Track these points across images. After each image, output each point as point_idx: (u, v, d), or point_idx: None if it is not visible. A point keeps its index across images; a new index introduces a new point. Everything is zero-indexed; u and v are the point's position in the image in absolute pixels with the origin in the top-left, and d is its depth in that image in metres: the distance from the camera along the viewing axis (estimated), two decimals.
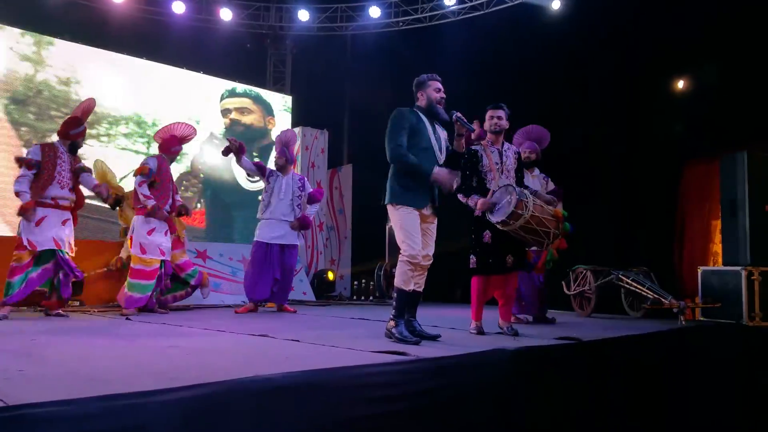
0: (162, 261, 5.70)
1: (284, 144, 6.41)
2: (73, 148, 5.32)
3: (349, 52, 11.61)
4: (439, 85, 3.91)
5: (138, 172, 5.75)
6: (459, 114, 3.78)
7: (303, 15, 11.09)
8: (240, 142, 6.13)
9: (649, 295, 5.76)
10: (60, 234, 5.07)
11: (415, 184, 3.66)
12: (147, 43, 9.88)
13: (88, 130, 5.67)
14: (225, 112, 10.56)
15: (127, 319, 5.04)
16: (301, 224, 6.33)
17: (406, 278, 3.65)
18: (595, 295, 6.33)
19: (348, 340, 3.52)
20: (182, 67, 9.98)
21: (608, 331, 4.31)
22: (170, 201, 5.87)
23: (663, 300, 5.51)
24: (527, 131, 5.70)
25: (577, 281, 6.53)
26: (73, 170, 5.26)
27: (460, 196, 4.23)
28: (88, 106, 5.48)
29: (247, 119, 10.83)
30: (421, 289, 3.83)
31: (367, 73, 10.68)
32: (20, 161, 5.14)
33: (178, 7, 10.31)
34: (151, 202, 5.64)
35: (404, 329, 3.60)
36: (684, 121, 7.52)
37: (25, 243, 4.96)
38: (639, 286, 5.87)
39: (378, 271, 9.18)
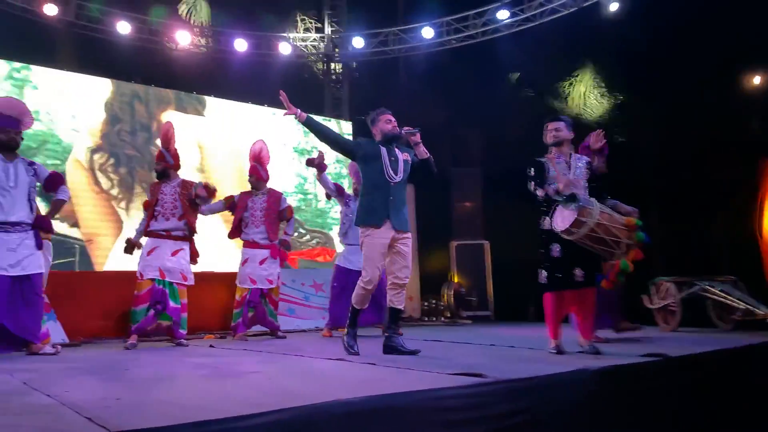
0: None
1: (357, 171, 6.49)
2: (159, 176, 5.60)
3: (402, 74, 11.75)
4: (389, 117, 4.31)
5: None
6: (406, 128, 4.23)
7: (357, 42, 11.31)
8: (323, 157, 6.14)
9: (739, 306, 5.46)
10: (167, 264, 5.31)
11: (371, 201, 4.11)
12: (212, 80, 10.32)
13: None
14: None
15: (210, 346, 5.21)
16: None
17: (360, 299, 4.11)
18: (680, 308, 6.03)
19: (423, 363, 3.50)
20: (247, 102, 10.33)
21: (697, 346, 4.09)
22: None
23: (755, 310, 5.20)
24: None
25: (659, 294, 6.26)
26: (184, 198, 5.47)
27: (538, 191, 4.11)
28: (161, 134, 5.78)
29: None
30: (401, 306, 4.15)
31: (422, 92, 10.76)
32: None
33: (240, 45, 10.73)
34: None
35: (351, 339, 4.08)
36: (763, 118, 7.18)
37: (138, 273, 5.31)
38: (728, 297, 5.58)
39: (447, 290, 9.13)
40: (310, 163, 6.16)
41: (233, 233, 6.21)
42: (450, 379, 2.76)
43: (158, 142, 5.96)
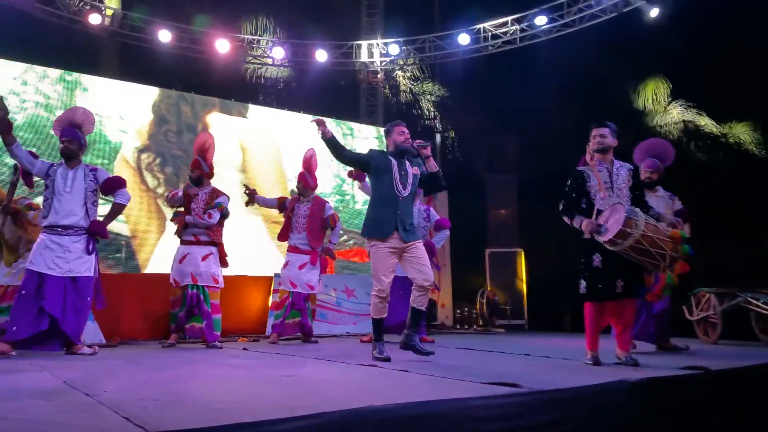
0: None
1: None
2: (195, 183, 5.76)
3: (438, 80, 11.75)
4: (403, 129, 4.40)
5: None
6: (418, 141, 4.37)
7: (393, 49, 11.35)
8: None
9: None
10: (198, 269, 5.50)
11: (380, 215, 4.21)
12: (249, 88, 10.49)
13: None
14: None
15: (244, 349, 5.27)
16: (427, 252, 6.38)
17: (377, 309, 4.19)
18: (721, 320, 5.86)
19: (456, 371, 3.48)
20: (283, 109, 10.46)
21: (739, 360, 3.97)
22: None
23: None
24: (647, 147, 5.34)
25: (699, 306, 6.10)
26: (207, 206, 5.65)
27: (565, 218, 4.10)
28: (198, 143, 5.92)
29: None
30: (423, 308, 4.21)
31: (458, 98, 10.74)
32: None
33: (278, 53, 10.88)
34: None
35: (381, 348, 4.13)
36: None
37: (171, 280, 5.55)
38: None
39: (480, 298, 9.05)
40: (350, 175, 6.38)
41: (282, 236, 6.34)
42: (484, 389, 2.73)
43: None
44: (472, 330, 8.94)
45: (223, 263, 5.73)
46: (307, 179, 6.28)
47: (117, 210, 4.91)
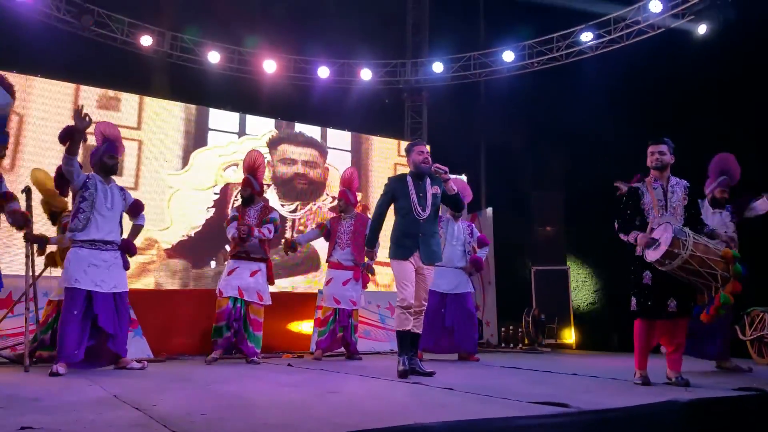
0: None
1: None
2: (245, 202, 5.86)
3: (483, 97, 11.72)
4: (423, 149, 4.57)
5: None
6: (436, 165, 4.45)
7: (437, 67, 11.39)
8: None
9: None
10: (245, 284, 5.56)
11: (402, 239, 4.39)
12: (296, 108, 10.69)
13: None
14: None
15: (288, 365, 5.33)
16: (475, 266, 6.39)
17: (401, 321, 4.33)
18: None
19: (501, 389, 3.44)
20: (329, 127, 10.62)
21: None
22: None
23: None
24: (719, 163, 5.31)
25: (753, 325, 5.88)
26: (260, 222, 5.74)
27: (621, 235, 4.05)
28: (248, 162, 5.99)
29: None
30: (419, 331, 4.44)
31: (502, 115, 10.68)
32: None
33: (323, 72, 11.06)
34: None
35: (404, 360, 4.24)
36: None
37: (217, 291, 5.61)
38: None
39: (526, 316, 8.91)
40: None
41: (330, 256, 6.42)
42: (532, 408, 2.69)
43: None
44: (517, 349, 8.80)
45: (270, 281, 5.80)
46: (348, 197, 6.41)
47: (139, 230, 5.06)
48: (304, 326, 7.28)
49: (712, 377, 4.38)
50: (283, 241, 6.59)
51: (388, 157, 11.00)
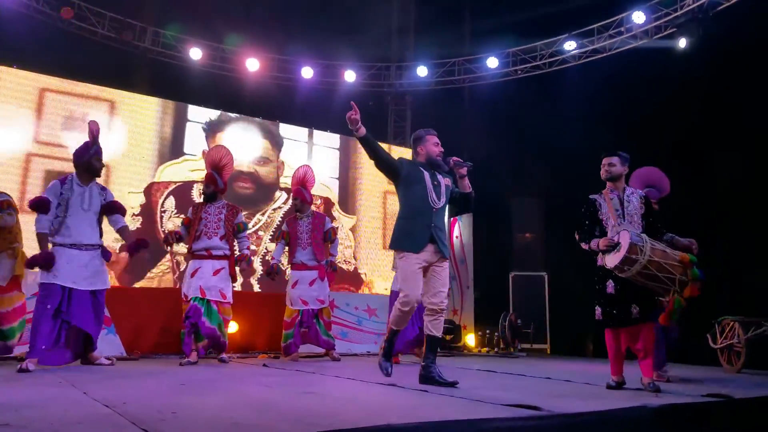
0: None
1: None
2: (207, 199, 5.72)
3: (466, 103, 11.78)
4: (437, 140, 4.14)
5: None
6: (455, 158, 4.06)
7: (422, 71, 11.44)
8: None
9: None
10: (208, 283, 5.45)
11: (412, 227, 3.90)
12: (278, 108, 10.63)
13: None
14: None
15: (264, 365, 5.29)
16: None
17: (398, 320, 3.93)
18: (745, 349, 5.76)
19: (476, 392, 3.45)
20: (310, 127, 10.58)
21: (763, 389, 3.90)
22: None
23: None
24: (643, 176, 5.32)
25: (724, 334, 5.99)
26: (229, 223, 5.64)
27: (582, 245, 4.15)
28: (213, 157, 5.92)
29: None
30: (438, 334, 3.91)
31: (485, 121, 10.75)
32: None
33: (307, 72, 11.04)
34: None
35: (386, 361, 3.96)
36: None
37: (183, 295, 5.55)
38: None
39: (503, 321, 8.97)
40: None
41: (291, 259, 6.38)
42: (504, 410, 2.71)
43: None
44: (493, 352, 8.85)
45: (233, 278, 5.71)
46: (304, 195, 6.38)
47: (123, 232, 5.01)
48: (280, 326, 7.23)
49: (684, 385, 4.45)
50: (264, 270, 6.52)
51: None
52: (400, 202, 4.04)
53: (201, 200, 5.86)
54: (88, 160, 4.80)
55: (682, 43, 8.78)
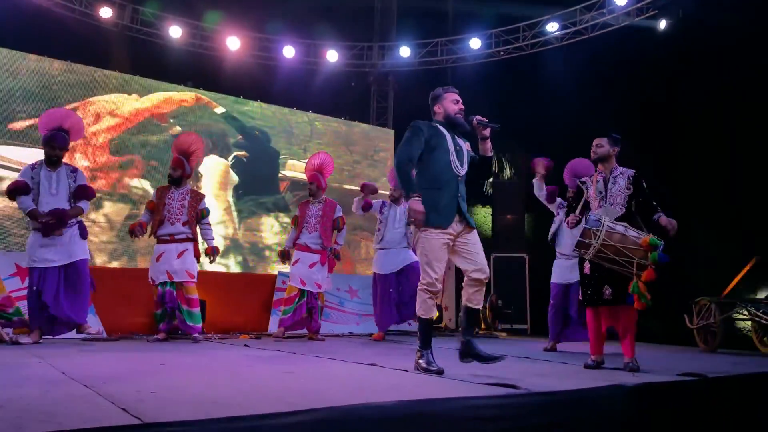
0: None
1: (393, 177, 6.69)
2: (173, 182, 5.76)
3: (449, 84, 11.71)
4: (457, 97, 3.77)
5: None
6: (479, 117, 3.65)
7: (404, 51, 11.36)
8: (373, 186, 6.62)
9: None
10: (173, 267, 5.56)
11: (438, 198, 3.45)
12: (259, 87, 10.51)
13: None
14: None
15: (245, 345, 5.30)
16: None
17: (427, 306, 3.50)
18: (721, 329, 5.87)
19: (455, 371, 3.49)
20: (293, 108, 10.49)
21: (737, 368, 3.99)
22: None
23: None
24: (571, 168, 5.64)
25: (700, 314, 6.09)
26: (192, 210, 5.68)
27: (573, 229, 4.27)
28: (183, 143, 5.90)
29: None
30: (479, 306, 3.62)
31: (467, 103, 10.70)
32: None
33: (288, 52, 10.91)
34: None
35: (430, 357, 3.44)
36: None
37: (150, 279, 5.65)
38: None
39: (484, 302, 9.03)
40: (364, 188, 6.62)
41: (295, 240, 6.50)
42: (483, 389, 2.74)
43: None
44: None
45: (197, 258, 5.78)
46: (320, 180, 6.43)
47: (77, 212, 5.00)
48: (262, 307, 7.24)
49: (662, 362, 4.53)
50: (279, 252, 6.67)
51: (355, 142, 10.96)
52: (422, 170, 3.58)
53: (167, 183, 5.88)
54: (43, 146, 4.93)
55: (662, 24, 8.82)
